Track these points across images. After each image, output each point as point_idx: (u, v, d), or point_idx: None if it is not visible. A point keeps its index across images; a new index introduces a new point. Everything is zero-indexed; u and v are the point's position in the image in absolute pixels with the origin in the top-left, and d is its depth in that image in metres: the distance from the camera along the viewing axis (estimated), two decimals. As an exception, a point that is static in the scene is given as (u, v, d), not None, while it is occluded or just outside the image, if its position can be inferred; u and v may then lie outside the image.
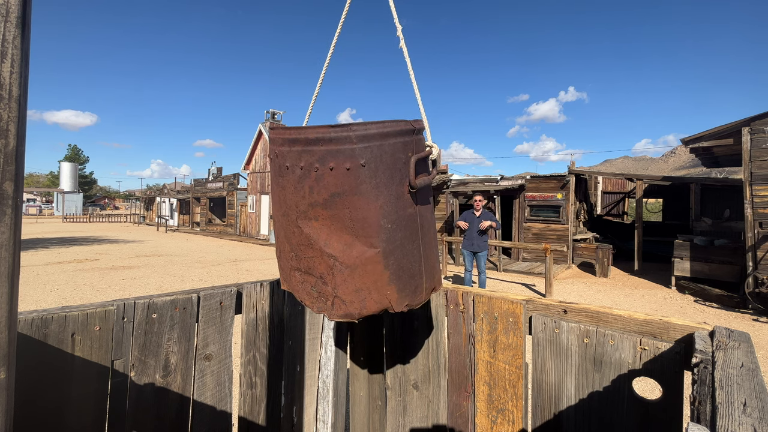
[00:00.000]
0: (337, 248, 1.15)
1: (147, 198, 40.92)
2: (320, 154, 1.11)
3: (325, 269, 1.19)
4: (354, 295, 1.17)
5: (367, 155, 1.09)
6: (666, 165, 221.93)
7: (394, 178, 1.14)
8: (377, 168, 1.11)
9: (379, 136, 1.11)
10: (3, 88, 0.69)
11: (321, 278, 1.21)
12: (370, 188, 1.10)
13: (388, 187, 1.13)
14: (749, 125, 7.57)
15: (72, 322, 1.20)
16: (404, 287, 1.19)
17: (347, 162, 1.09)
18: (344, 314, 1.20)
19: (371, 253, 1.13)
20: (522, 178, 13.35)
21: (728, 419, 0.67)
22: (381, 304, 1.18)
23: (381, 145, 1.11)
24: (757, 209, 7.47)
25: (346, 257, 1.14)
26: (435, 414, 1.67)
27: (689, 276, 9.03)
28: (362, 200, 1.10)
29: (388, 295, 1.17)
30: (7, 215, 0.70)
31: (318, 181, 1.13)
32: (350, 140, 1.09)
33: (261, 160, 23.00)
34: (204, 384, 1.49)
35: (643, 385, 3.52)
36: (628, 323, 1.25)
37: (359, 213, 1.11)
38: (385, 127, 1.12)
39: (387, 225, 1.13)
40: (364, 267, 1.14)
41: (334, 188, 1.11)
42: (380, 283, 1.15)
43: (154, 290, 8.25)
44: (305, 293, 1.28)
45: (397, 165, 1.14)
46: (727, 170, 23.23)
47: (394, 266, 1.16)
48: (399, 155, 1.15)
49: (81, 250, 14.86)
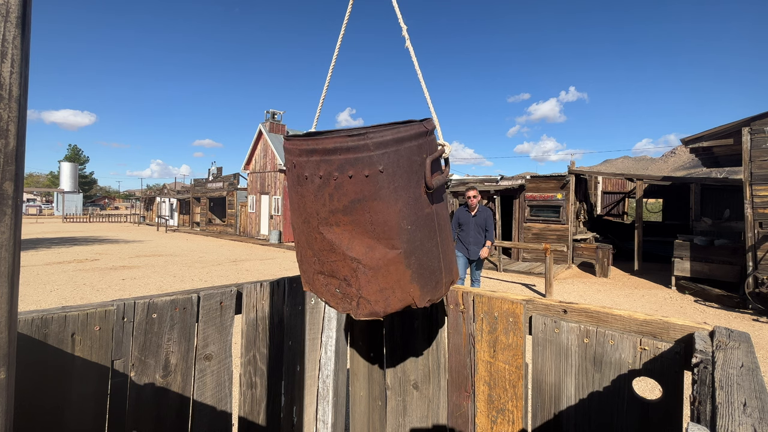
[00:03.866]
0: (360, 251, 1.17)
1: (147, 198, 40.93)
2: (339, 163, 1.13)
3: (348, 272, 1.21)
4: (378, 294, 1.19)
5: (385, 161, 1.11)
6: (666, 165, 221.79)
7: (411, 181, 1.16)
8: (395, 173, 1.13)
9: (394, 142, 1.13)
10: (3, 88, 0.69)
11: (345, 280, 1.23)
12: (389, 193, 1.13)
13: (406, 190, 1.15)
14: (749, 125, 7.58)
15: (72, 322, 1.20)
16: (426, 283, 1.23)
17: (366, 169, 1.11)
18: (370, 313, 1.22)
19: (393, 255, 1.15)
20: (522, 178, 13.36)
21: (728, 419, 0.67)
22: (404, 302, 1.21)
23: (397, 150, 1.14)
24: (757, 209, 7.47)
25: (368, 260, 1.17)
26: (435, 414, 1.67)
27: (689, 276, 9.04)
28: (382, 204, 1.13)
29: (411, 292, 1.20)
30: (7, 215, 0.70)
31: (338, 189, 1.15)
32: (368, 148, 1.11)
33: (261, 160, 22.98)
34: (204, 384, 1.49)
35: (643, 385, 3.52)
36: (628, 323, 1.25)
37: (380, 217, 1.13)
38: (400, 132, 1.14)
39: (407, 226, 1.16)
40: (386, 268, 1.17)
41: (354, 195, 1.13)
42: (403, 281, 1.18)
43: (154, 290, 8.25)
44: (330, 295, 1.31)
45: (413, 167, 1.17)
46: (727, 170, 23.23)
47: (415, 265, 1.19)
48: (415, 158, 1.17)
49: (81, 250, 14.86)
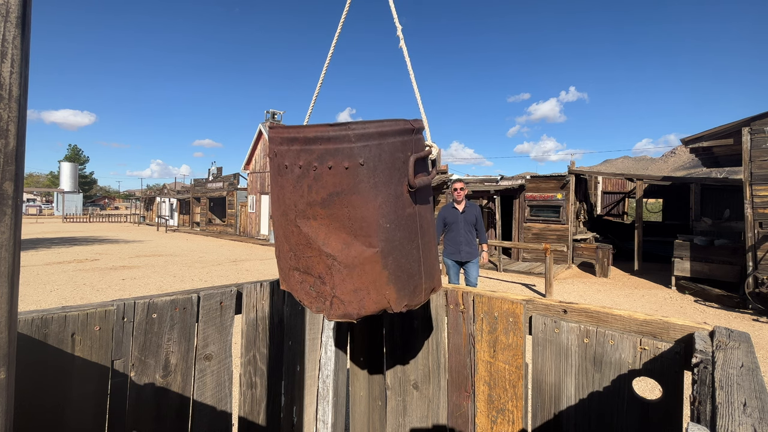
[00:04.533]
0: (336, 248, 1.14)
1: (147, 198, 40.92)
2: (319, 153, 1.11)
3: (323, 269, 1.18)
4: (352, 295, 1.16)
5: (366, 154, 1.09)
6: (666, 165, 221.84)
7: (393, 178, 1.13)
8: (376, 167, 1.10)
9: (377, 135, 1.11)
10: (3, 88, 0.69)
11: (320, 278, 1.20)
12: (368, 187, 1.09)
13: (386, 186, 1.12)
14: (749, 125, 7.57)
15: (72, 322, 1.20)
16: (403, 287, 1.18)
17: (346, 161, 1.08)
18: (343, 314, 1.19)
19: (370, 253, 1.12)
20: (522, 178, 13.35)
21: (728, 419, 0.67)
22: (380, 305, 1.17)
23: (380, 144, 1.11)
24: (757, 209, 7.47)
25: (344, 257, 1.14)
26: (435, 414, 1.67)
27: (689, 276, 9.03)
28: (361, 199, 1.10)
29: (387, 295, 1.16)
30: (7, 215, 0.70)
31: (316, 180, 1.12)
32: (349, 139, 1.08)
33: (261, 160, 22.99)
34: (204, 384, 1.49)
35: (643, 385, 3.52)
36: (628, 323, 1.25)
37: (358, 212, 1.10)
38: (383, 126, 1.12)
39: (386, 224, 1.12)
40: (362, 267, 1.13)
41: (333, 187, 1.11)
42: (379, 283, 1.14)
43: (154, 290, 8.25)
44: (304, 293, 1.28)
45: (396, 164, 1.13)
46: (727, 170, 23.23)
47: (392, 266, 1.15)
48: (398, 154, 1.14)
49: (81, 250, 14.86)
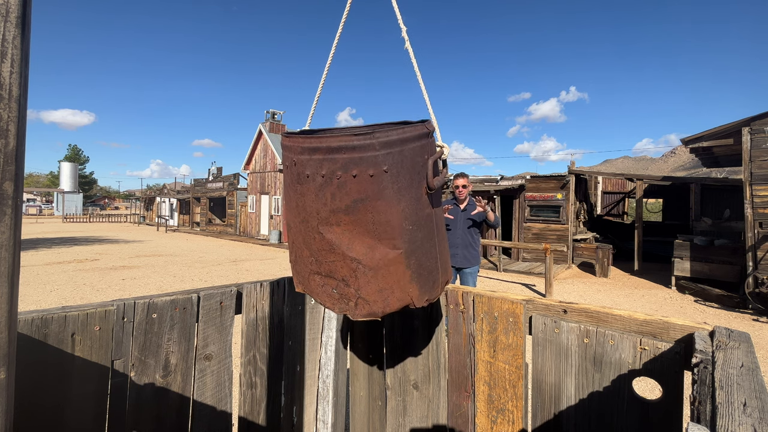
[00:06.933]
0: (360, 251, 1.17)
1: (147, 198, 40.92)
2: (343, 162, 1.12)
3: (347, 272, 1.20)
4: (377, 294, 1.19)
5: (390, 161, 1.11)
6: (666, 165, 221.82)
7: (414, 181, 1.17)
8: (399, 173, 1.13)
9: (399, 142, 1.13)
10: (3, 88, 0.69)
11: (343, 281, 1.22)
12: (392, 193, 1.12)
13: (408, 190, 1.15)
14: (749, 125, 7.58)
15: (72, 322, 1.20)
16: (424, 283, 1.23)
17: (370, 169, 1.10)
18: (368, 313, 1.22)
19: (394, 255, 1.15)
20: (522, 178, 13.36)
21: (728, 419, 0.67)
22: (403, 301, 1.21)
23: (402, 150, 1.14)
24: (757, 209, 7.47)
25: (369, 260, 1.16)
26: (435, 414, 1.67)
27: (689, 276, 9.04)
28: (385, 204, 1.12)
29: (410, 292, 1.20)
30: (7, 215, 0.70)
31: (340, 188, 1.14)
32: (373, 147, 1.10)
33: (261, 160, 22.98)
34: (204, 384, 1.49)
35: (643, 385, 3.52)
36: (628, 323, 1.25)
37: (382, 217, 1.13)
38: (405, 132, 1.15)
39: (408, 227, 1.16)
40: (387, 268, 1.16)
41: (357, 194, 1.12)
42: (403, 282, 1.18)
43: (154, 290, 8.25)
44: (326, 296, 1.30)
45: (416, 168, 1.17)
46: (727, 170, 23.22)
47: (415, 265, 1.19)
48: (417, 159, 1.18)
49: (81, 250, 14.86)
